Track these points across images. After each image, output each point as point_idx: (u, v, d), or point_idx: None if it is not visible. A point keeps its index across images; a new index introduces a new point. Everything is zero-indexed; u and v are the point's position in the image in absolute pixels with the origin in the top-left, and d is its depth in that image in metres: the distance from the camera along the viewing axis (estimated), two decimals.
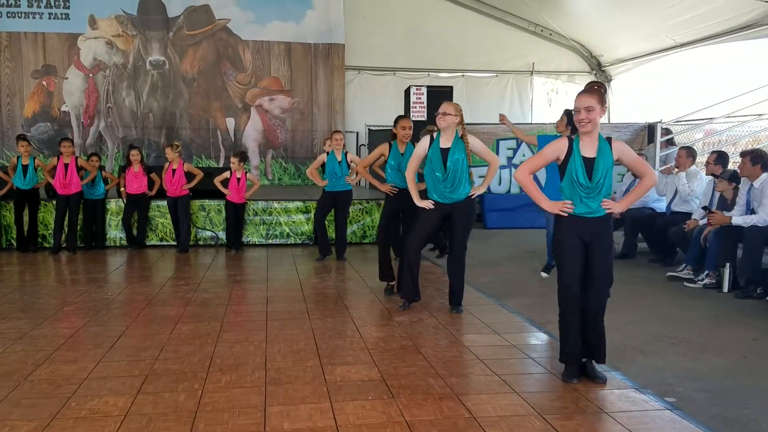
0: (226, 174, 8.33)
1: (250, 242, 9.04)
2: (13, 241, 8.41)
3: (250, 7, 13.69)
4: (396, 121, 5.99)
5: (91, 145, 13.18)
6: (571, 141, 3.61)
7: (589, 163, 3.56)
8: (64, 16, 13.04)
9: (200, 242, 8.92)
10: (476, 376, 3.77)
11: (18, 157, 8.11)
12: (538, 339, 4.57)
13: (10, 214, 8.34)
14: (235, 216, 8.42)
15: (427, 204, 5.07)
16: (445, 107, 4.96)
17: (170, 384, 3.57)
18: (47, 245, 8.43)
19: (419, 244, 5.27)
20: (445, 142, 5.02)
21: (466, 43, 14.49)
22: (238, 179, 8.34)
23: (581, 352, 3.69)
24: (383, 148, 6.03)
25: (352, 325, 4.84)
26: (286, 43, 13.86)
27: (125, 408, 3.22)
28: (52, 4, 12.98)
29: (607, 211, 3.61)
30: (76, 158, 8.15)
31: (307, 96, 14.07)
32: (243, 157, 8.53)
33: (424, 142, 5.10)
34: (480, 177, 5.50)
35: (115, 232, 8.76)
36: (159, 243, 8.81)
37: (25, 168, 8.03)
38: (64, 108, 13.26)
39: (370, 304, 5.63)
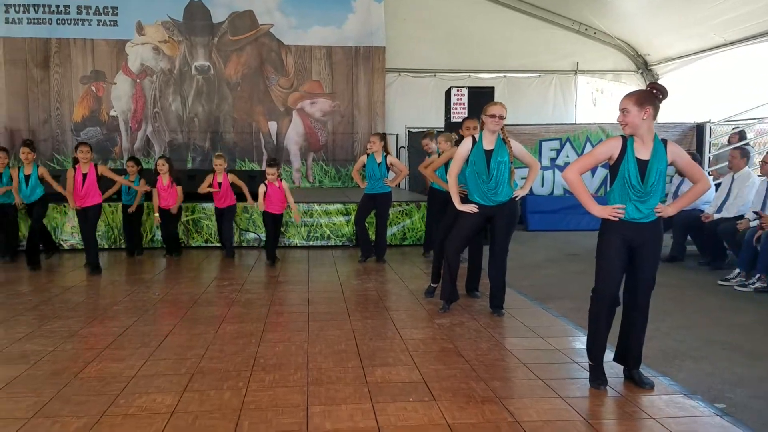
0: (262, 188, 7.67)
1: (291, 244, 9.13)
2: (62, 243, 8.68)
3: (293, 12, 13.87)
4: (462, 122, 6.06)
5: (138, 149, 13.54)
6: (625, 141, 3.50)
7: (642, 165, 3.44)
8: (112, 23, 13.44)
9: (243, 243, 9.06)
10: (519, 380, 3.73)
11: (20, 167, 7.50)
12: (583, 343, 4.47)
13: (60, 216, 8.64)
14: (274, 226, 7.86)
15: (469, 208, 5.04)
16: (500, 109, 4.89)
17: (215, 382, 3.63)
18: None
19: (460, 246, 5.24)
20: (488, 143, 4.97)
21: (509, 43, 14.37)
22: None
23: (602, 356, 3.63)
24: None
25: (392, 327, 4.85)
26: (328, 47, 13.99)
27: (172, 405, 3.29)
28: (101, 11, 13.38)
29: (658, 215, 3.52)
30: (96, 166, 7.24)
31: (348, 99, 14.16)
32: (277, 163, 7.82)
33: (467, 143, 5.06)
34: (522, 179, 5.44)
35: (157, 231, 8.81)
36: (204, 245, 8.97)
37: (27, 178, 7.44)
38: (112, 113, 13.64)
39: (410, 306, 5.62)
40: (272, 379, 3.70)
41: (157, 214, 8.06)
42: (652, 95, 3.42)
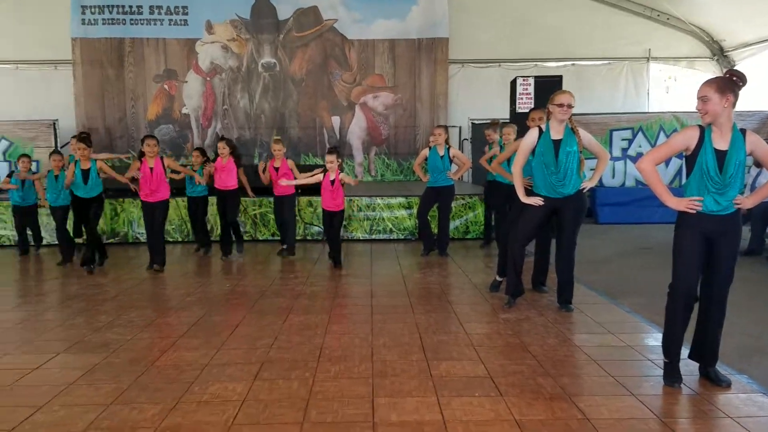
0: (319, 176, 6.97)
1: (354, 237, 9.21)
2: (139, 236, 9.04)
3: (357, 6, 13.93)
4: (528, 113, 5.99)
5: (209, 146, 13.93)
6: (702, 131, 3.35)
7: (721, 156, 3.30)
8: (182, 22, 13.86)
9: (308, 237, 9.20)
10: (589, 377, 3.64)
11: (76, 162, 7.03)
12: (657, 340, 4.32)
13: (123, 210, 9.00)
14: (331, 225, 7.08)
15: (535, 201, 4.94)
16: (568, 98, 4.77)
17: (284, 372, 3.71)
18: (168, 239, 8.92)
19: (525, 240, 5.15)
20: (556, 133, 4.85)
21: (576, 31, 13.98)
22: (332, 181, 6.88)
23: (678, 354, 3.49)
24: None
25: (456, 321, 4.82)
26: (390, 40, 13.98)
27: (243, 393, 3.38)
28: (172, 10, 13.83)
29: (736, 207, 3.36)
30: (162, 158, 6.97)
31: (410, 92, 14.13)
32: (337, 151, 7.01)
33: (533, 134, 4.96)
34: (591, 170, 5.29)
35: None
36: (271, 238, 9.16)
37: (85, 174, 6.99)
38: (184, 110, 14.10)
39: (474, 300, 5.57)
40: (338, 370, 3.75)
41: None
42: (732, 82, 3.26)
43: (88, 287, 6.25)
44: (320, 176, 6.93)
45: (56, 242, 8.10)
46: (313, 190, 8.04)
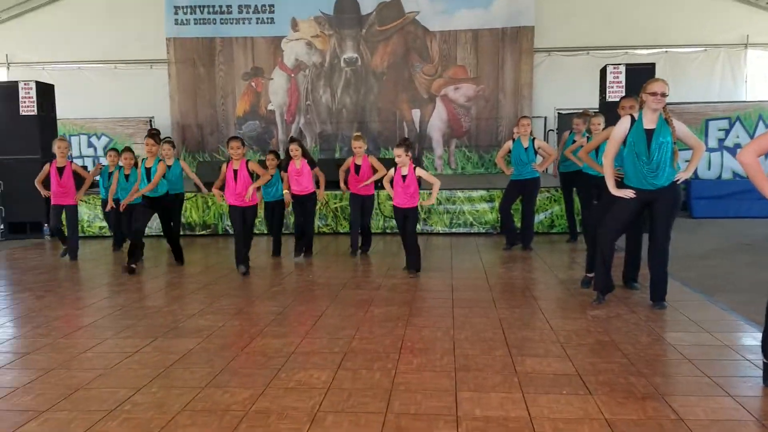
0: (391, 172, 6.36)
1: (434, 231, 9.18)
2: (229, 228, 9.37)
3: None
4: (618, 102, 5.82)
5: None
6: None
7: None
8: (269, 21, 14.26)
9: (388, 231, 9.24)
10: (683, 377, 3.47)
11: (143, 160, 6.91)
12: (756, 340, 4.05)
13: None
14: (404, 226, 6.38)
15: (626, 193, 4.75)
16: (662, 87, 4.56)
17: (366, 362, 3.75)
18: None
19: (615, 234, 4.97)
20: (649, 123, 4.64)
21: (670, 17, 13.33)
22: (404, 177, 6.22)
23: None
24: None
25: (541, 317, 4.71)
26: (474, 30, 13.82)
27: (327, 382, 3.45)
28: (259, 9, 14.24)
29: None
30: (247, 162, 6.50)
31: (493, 82, 13.91)
32: (406, 144, 6.26)
33: (624, 123, 4.76)
34: (685, 161, 5.02)
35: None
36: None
37: (148, 171, 6.75)
38: (270, 107, 14.52)
39: (560, 296, 5.43)
40: (420, 362, 3.75)
41: (286, 191, 7.24)
42: None
43: (182, 277, 6.55)
44: (391, 171, 6.33)
45: (156, 234, 8.49)
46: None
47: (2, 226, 9.83)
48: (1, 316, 5.07)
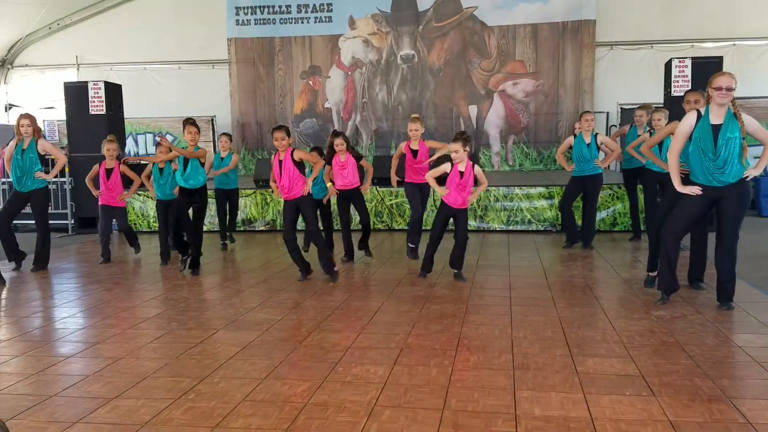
0: (446, 168, 5.77)
1: (491, 228, 9.09)
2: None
3: None
4: (683, 96, 5.63)
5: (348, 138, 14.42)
6: None
7: None
8: (327, 19, 14.40)
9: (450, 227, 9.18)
10: (752, 380, 3.33)
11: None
12: None
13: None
14: (457, 225, 5.93)
15: (692, 190, 4.58)
16: (728, 81, 4.39)
17: (422, 358, 3.75)
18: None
19: (680, 232, 4.80)
20: (716, 117, 4.47)
21: (739, 8, 12.78)
22: (462, 173, 5.73)
23: None
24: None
25: (603, 317, 4.60)
26: (533, 24, 13.58)
27: (384, 377, 3.47)
28: (318, 8, 14.41)
29: None
30: (293, 151, 5.86)
31: (553, 77, 13.64)
32: (464, 138, 5.75)
33: (690, 118, 4.60)
34: (755, 158, 4.80)
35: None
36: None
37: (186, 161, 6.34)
38: (326, 105, 14.67)
39: (623, 295, 5.29)
40: (477, 359, 3.72)
41: (330, 183, 6.81)
42: None
43: (241, 272, 6.71)
44: (445, 167, 5.75)
45: (217, 228, 8.71)
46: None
47: (73, 221, 10.30)
48: (73, 307, 5.31)
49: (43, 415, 3.06)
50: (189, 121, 6.42)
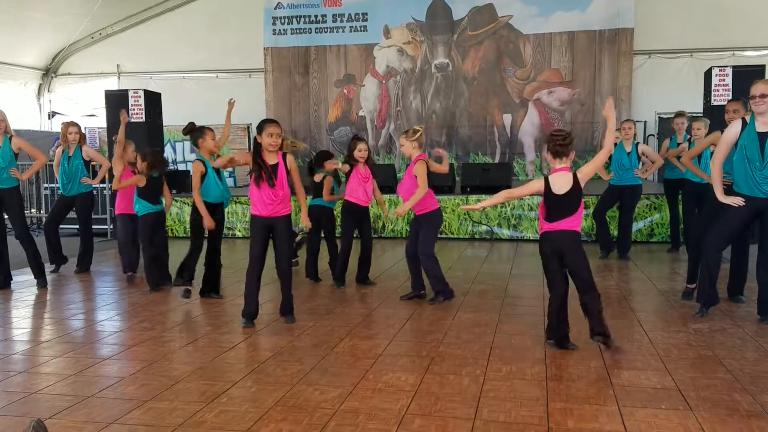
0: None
1: (524, 237, 9.00)
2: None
3: (534, 1, 13.57)
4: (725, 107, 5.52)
5: (382, 147, 14.47)
6: None
7: None
8: (362, 29, 14.48)
9: (476, 236, 9.15)
10: None
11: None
12: None
13: None
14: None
15: (735, 201, 4.47)
16: (761, 88, 4.30)
17: (454, 367, 3.73)
18: None
19: (721, 244, 4.69)
20: (763, 125, 4.36)
21: None
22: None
23: None
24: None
25: (639, 329, 4.51)
26: (569, 32, 13.44)
27: (415, 385, 3.45)
28: (353, 17, 14.51)
29: None
30: (284, 155, 5.04)
31: (589, 86, 13.47)
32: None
33: (735, 126, 4.50)
34: None
35: None
36: (440, 237, 9.23)
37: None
38: (360, 113, 14.73)
39: (660, 307, 5.19)
40: (509, 370, 3.68)
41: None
42: None
43: (274, 278, 6.74)
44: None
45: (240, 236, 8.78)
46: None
47: (111, 226, 10.52)
48: (110, 310, 5.43)
49: (81, 416, 3.13)
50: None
